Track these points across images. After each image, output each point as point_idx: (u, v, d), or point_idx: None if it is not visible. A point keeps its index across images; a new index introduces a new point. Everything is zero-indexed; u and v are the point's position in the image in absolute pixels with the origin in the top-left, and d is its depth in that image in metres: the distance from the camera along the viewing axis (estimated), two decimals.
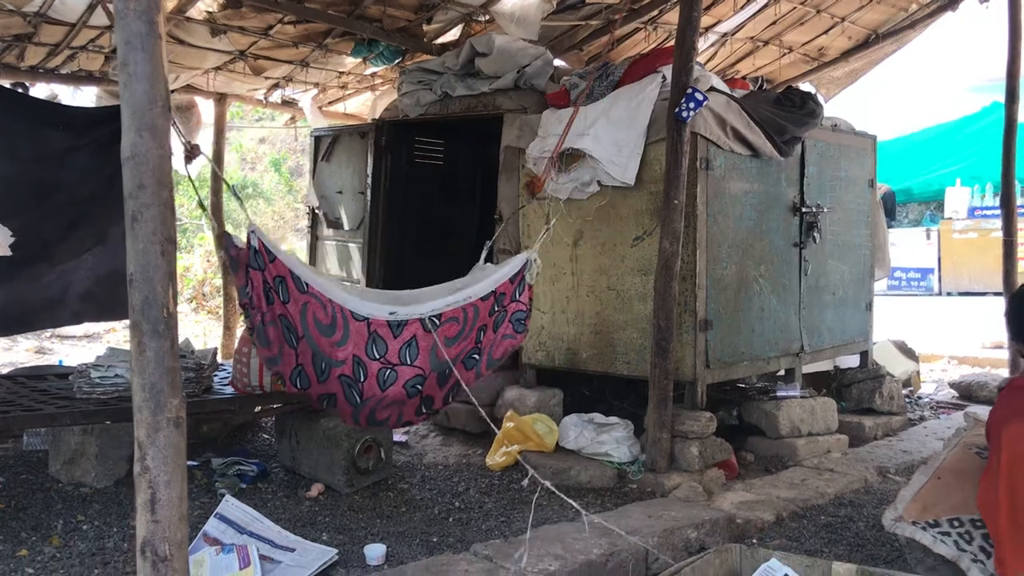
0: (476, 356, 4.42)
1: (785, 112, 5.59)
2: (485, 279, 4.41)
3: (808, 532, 4.32)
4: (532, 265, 4.47)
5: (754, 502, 4.61)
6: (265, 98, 7.88)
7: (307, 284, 4.07)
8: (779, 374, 6.24)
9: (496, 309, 4.42)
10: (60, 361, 7.80)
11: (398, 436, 5.70)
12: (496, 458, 5.28)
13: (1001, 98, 7.46)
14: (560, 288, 5.64)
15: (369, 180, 7.05)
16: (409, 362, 4.22)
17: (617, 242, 5.36)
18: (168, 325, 1.50)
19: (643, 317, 5.15)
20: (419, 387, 4.27)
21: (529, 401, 5.60)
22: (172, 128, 2.77)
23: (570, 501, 3.79)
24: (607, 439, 5.13)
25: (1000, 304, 4.11)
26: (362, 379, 4.17)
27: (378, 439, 4.99)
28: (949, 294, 16.09)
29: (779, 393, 5.79)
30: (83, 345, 8.78)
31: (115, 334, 9.47)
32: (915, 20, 8.19)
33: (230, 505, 3.82)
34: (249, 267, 3.91)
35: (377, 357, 4.17)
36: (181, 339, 3.08)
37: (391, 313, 4.20)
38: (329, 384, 4.17)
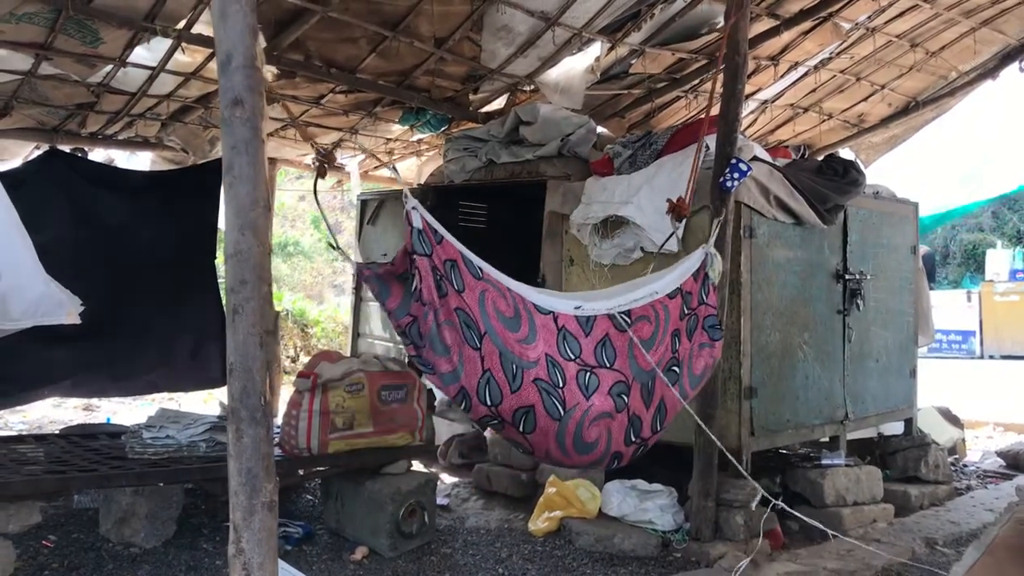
0: (676, 369, 4.00)
1: (827, 180, 5.64)
2: (666, 276, 4.09)
3: None
4: (712, 260, 4.20)
5: (801, 573, 4.56)
6: (313, 163, 8.07)
7: (481, 269, 3.57)
8: (823, 442, 6.19)
9: (686, 311, 4.07)
10: (108, 419, 7.93)
11: (440, 500, 5.72)
12: (539, 524, 5.28)
13: None
14: None
15: None
16: (608, 364, 3.74)
17: None
18: (265, 412, 1.57)
19: None
20: (625, 398, 3.78)
21: None
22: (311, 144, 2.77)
23: None
24: (651, 506, 5.12)
25: None
26: (561, 384, 3.63)
27: (422, 502, 5.02)
28: (991, 357, 15.87)
29: (824, 461, 5.74)
30: (129, 403, 8.91)
31: (162, 392, 9.61)
32: (955, 88, 8.25)
33: (280, 568, 3.85)
34: (414, 254, 3.41)
35: (572, 357, 3.66)
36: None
37: (576, 308, 3.76)
38: (524, 393, 3.57)
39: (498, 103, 7.00)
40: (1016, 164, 10.46)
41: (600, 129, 6.93)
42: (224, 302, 3.20)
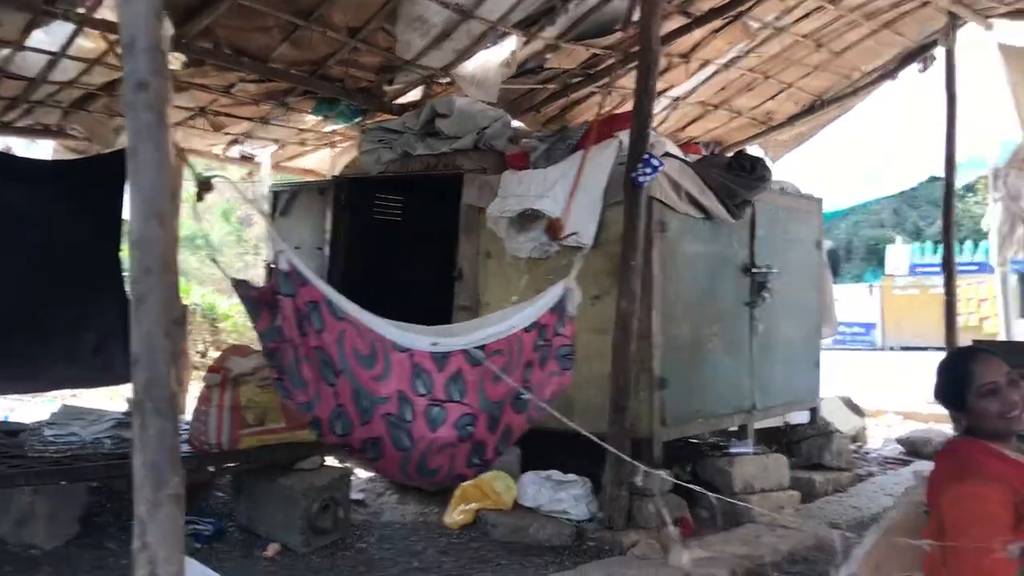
0: (524, 396, 4.11)
1: (736, 176, 5.77)
2: (525, 310, 4.20)
3: None
4: (572, 295, 4.29)
5: (710, 559, 4.65)
6: (223, 153, 7.90)
7: (342, 310, 3.69)
8: (732, 431, 6.35)
9: (540, 343, 4.19)
10: (6, 416, 7.62)
11: (355, 495, 5.67)
12: (454, 516, 5.28)
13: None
14: None
15: (328, 236, 7.07)
16: (458, 398, 3.89)
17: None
18: (171, 404, 1.54)
19: (601, 375, 5.21)
20: (470, 428, 3.93)
21: None
22: (184, 166, 2.73)
23: None
24: (565, 496, 5.17)
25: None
26: (409, 418, 3.77)
27: (336, 497, 4.97)
28: (891, 348, 16.51)
29: (732, 450, 5.89)
30: (28, 400, 8.58)
31: (63, 389, 9.26)
32: (857, 87, 8.55)
33: (191, 568, 3.76)
34: (279, 295, 3.53)
35: (423, 393, 3.81)
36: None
37: (433, 344, 3.88)
38: (374, 426, 3.75)
39: (413, 95, 6.95)
40: (915, 163, 10.87)
41: (516, 123, 6.95)
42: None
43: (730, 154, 7.09)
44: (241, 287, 3.65)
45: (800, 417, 7.01)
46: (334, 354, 3.65)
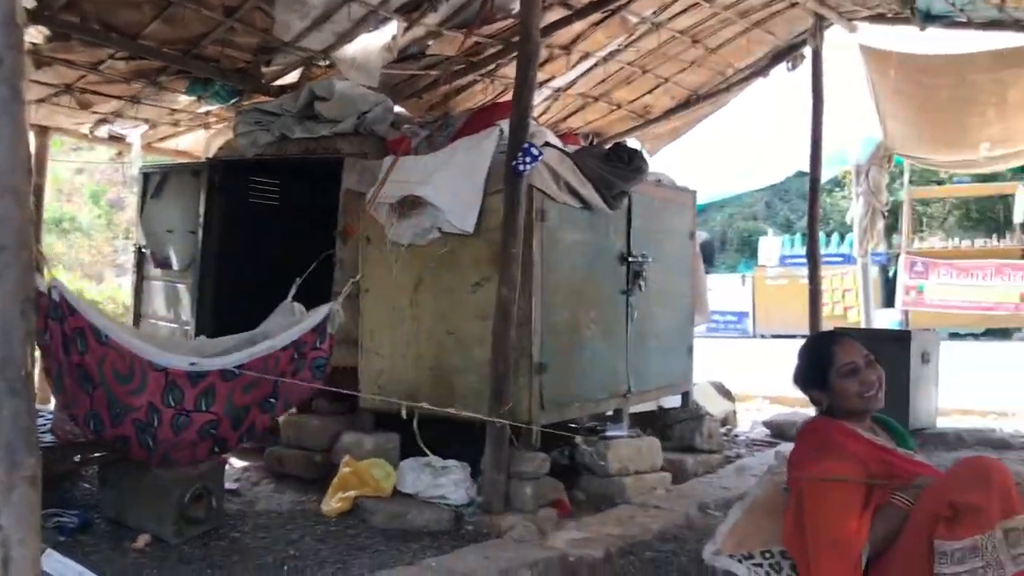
0: (272, 400, 4.57)
1: (614, 168, 5.89)
2: (288, 329, 4.55)
3: (635, 567, 4.52)
4: (335, 316, 4.62)
5: (585, 540, 4.76)
6: (91, 132, 7.58)
7: (107, 336, 4.15)
8: (608, 414, 6.50)
9: (296, 357, 4.55)
10: None
11: (229, 484, 5.56)
12: (332, 504, 5.23)
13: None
14: (400, 333, 5.68)
15: (201, 219, 6.88)
16: (204, 408, 4.32)
17: (457, 288, 5.48)
18: (26, 384, 1.49)
19: (482, 361, 5.26)
20: (213, 432, 4.41)
21: (367, 446, 5.58)
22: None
23: None
24: (445, 482, 5.19)
25: None
26: (156, 424, 4.25)
27: (208, 487, 4.85)
28: (762, 336, 17.16)
29: (608, 433, 6.04)
30: None
31: None
32: (731, 84, 8.85)
33: (52, 560, 3.63)
34: (48, 317, 3.98)
35: (173, 405, 4.25)
36: None
37: (192, 364, 4.28)
38: (123, 428, 4.26)
39: (292, 77, 6.82)
40: (783, 158, 11.36)
41: (398, 108, 6.91)
42: None
43: (608, 146, 7.24)
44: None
45: (673, 401, 7.21)
46: (94, 372, 4.15)
